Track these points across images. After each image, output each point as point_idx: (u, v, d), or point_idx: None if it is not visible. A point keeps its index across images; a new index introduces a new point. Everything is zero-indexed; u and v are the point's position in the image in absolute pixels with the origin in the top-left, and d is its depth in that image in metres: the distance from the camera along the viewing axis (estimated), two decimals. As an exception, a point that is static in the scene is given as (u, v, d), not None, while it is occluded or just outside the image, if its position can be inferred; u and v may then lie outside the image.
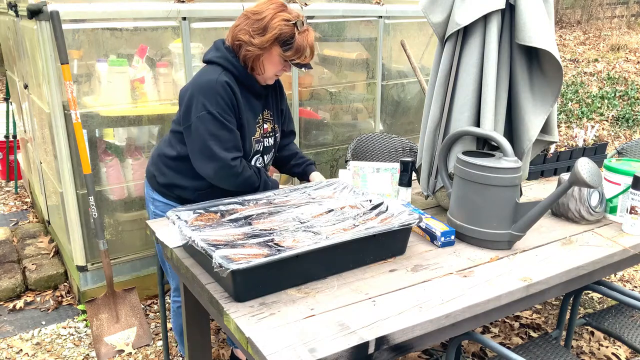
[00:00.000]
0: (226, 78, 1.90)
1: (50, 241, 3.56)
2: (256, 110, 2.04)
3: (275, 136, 2.17)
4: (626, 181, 2.02)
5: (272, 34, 1.87)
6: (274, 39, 1.87)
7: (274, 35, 1.87)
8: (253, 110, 2.03)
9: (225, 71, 1.93)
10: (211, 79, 1.89)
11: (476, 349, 2.66)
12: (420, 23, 3.76)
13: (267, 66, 1.94)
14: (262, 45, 1.88)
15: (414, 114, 4.00)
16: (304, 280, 1.56)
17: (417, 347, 1.48)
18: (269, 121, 2.12)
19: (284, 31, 1.87)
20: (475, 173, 1.78)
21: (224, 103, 1.88)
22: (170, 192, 2.08)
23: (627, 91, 7.36)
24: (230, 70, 1.93)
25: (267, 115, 2.11)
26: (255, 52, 1.90)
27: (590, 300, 3.16)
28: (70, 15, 2.48)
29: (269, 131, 2.12)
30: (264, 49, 1.89)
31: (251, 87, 1.99)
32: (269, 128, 2.12)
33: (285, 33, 1.87)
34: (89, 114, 2.66)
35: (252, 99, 2.02)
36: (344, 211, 1.82)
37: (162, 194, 2.10)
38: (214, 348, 2.63)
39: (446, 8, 1.96)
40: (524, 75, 1.97)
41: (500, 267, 1.70)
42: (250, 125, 2.01)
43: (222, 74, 1.91)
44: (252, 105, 2.02)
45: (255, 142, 2.04)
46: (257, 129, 2.05)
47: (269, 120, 2.12)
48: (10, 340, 2.71)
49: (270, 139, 2.14)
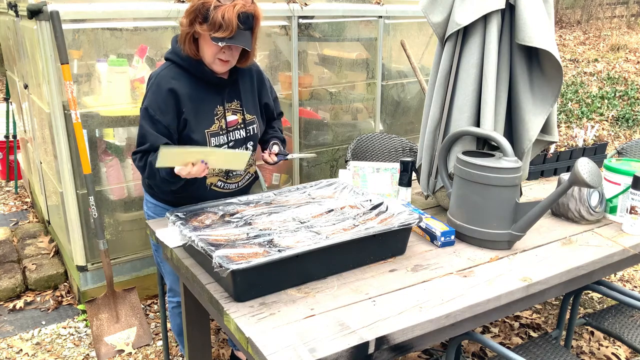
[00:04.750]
0: (167, 73, 1.89)
1: (50, 241, 3.56)
2: (212, 102, 1.96)
3: (248, 128, 2.05)
4: (626, 181, 2.02)
5: (191, 6, 1.80)
6: (194, 12, 1.79)
7: (193, 7, 1.79)
8: (207, 102, 1.95)
9: (173, 64, 1.92)
10: (152, 75, 1.94)
11: (476, 349, 2.66)
12: (420, 23, 3.76)
13: (202, 48, 1.86)
14: (187, 23, 1.82)
15: (414, 114, 4.00)
16: (304, 280, 1.56)
17: (417, 347, 1.48)
18: (237, 112, 2.02)
19: (202, 1, 1.77)
20: (475, 173, 1.78)
21: (154, 99, 1.87)
22: (154, 192, 2.08)
23: (627, 91, 7.36)
24: (177, 63, 1.91)
25: (234, 106, 2.01)
26: (184, 31, 1.84)
27: (590, 300, 3.16)
28: (70, 15, 2.48)
29: (239, 123, 2.02)
30: (189, 27, 1.82)
31: (203, 77, 1.92)
32: (239, 119, 2.02)
33: (203, 5, 1.77)
34: (89, 114, 2.66)
35: (207, 90, 1.95)
36: (344, 211, 1.82)
37: (150, 194, 2.11)
38: (214, 348, 2.63)
39: (446, 8, 1.96)
40: (524, 75, 1.97)
41: (500, 267, 1.70)
42: (201, 118, 1.93)
43: (165, 69, 1.91)
44: (205, 96, 1.94)
45: (211, 135, 1.95)
46: (215, 121, 1.96)
47: (238, 112, 2.02)
48: (10, 340, 2.71)
49: (241, 131, 2.03)
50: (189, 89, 1.90)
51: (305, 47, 3.30)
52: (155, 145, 1.86)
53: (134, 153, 1.93)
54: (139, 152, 1.91)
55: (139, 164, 1.92)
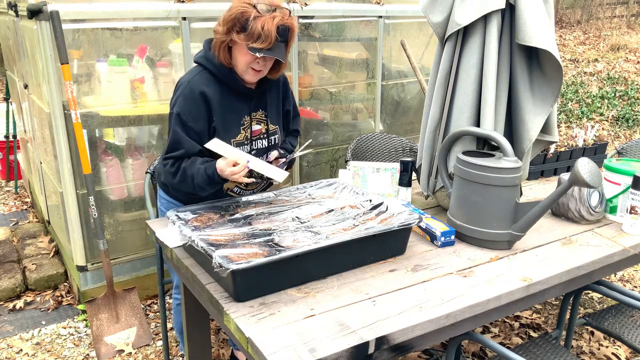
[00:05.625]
0: (199, 80, 1.89)
1: (50, 241, 3.56)
2: (240, 111, 1.96)
3: (270, 138, 2.07)
4: (626, 181, 2.02)
5: (229, 15, 1.81)
6: (232, 21, 1.80)
7: (231, 16, 1.80)
8: (236, 111, 1.95)
9: (204, 70, 1.92)
10: (184, 80, 1.92)
11: (476, 349, 2.66)
12: (420, 23, 3.76)
13: (237, 56, 1.86)
14: (224, 31, 1.83)
15: (414, 114, 4.00)
16: (304, 280, 1.56)
17: (417, 347, 1.48)
18: (261, 122, 2.03)
19: (240, 11, 1.79)
20: (475, 173, 1.78)
21: (185, 105, 1.87)
22: (168, 189, 2.09)
23: (627, 91, 7.36)
24: (209, 69, 1.91)
25: (259, 116, 2.03)
26: (220, 39, 1.85)
27: (590, 300, 3.16)
28: (70, 15, 2.48)
29: (263, 132, 2.04)
30: (226, 35, 1.82)
31: (233, 86, 1.93)
32: (262, 129, 2.04)
33: (242, 15, 1.78)
34: (89, 114, 2.66)
35: (236, 100, 1.95)
36: (344, 211, 1.82)
37: (164, 190, 2.12)
38: (214, 348, 2.63)
39: (446, 8, 1.96)
40: (524, 75, 1.97)
41: (500, 267, 1.70)
42: (229, 127, 1.94)
43: (197, 75, 1.91)
44: (234, 106, 1.95)
45: (236, 144, 1.96)
46: (241, 131, 1.97)
47: (262, 122, 2.04)
48: (10, 340, 2.71)
49: (263, 141, 2.05)
50: (219, 97, 1.91)
51: (305, 47, 3.30)
52: (190, 152, 1.88)
53: (165, 158, 1.91)
54: (172, 157, 1.90)
55: (170, 169, 1.90)
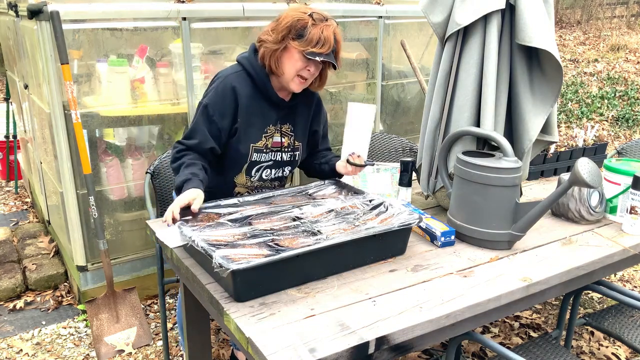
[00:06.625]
0: (235, 78, 1.93)
1: (50, 241, 3.56)
2: (267, 119, 1.99)
3: (294, 153, 2.09)
4: (626, 181, 2.02)
5: (284, 23, 1.85)
6: (287, 29, 1.85)
7: (287, 24, 1.85)
8: (262, 117, 1.98)
9: (243, 71, 1.96)
10: (221, 74, 1.97)
11: (476, 349, 2.66)
12: (420, 23, 3.76)
13: (285, 64, 1.89)
14: (277, 39, 1.87)
15: (414, 114, 4.00)
16: (304, 280, 1.56)
17: (417, 347, 1.48)
18: (287, 136, 2.05)
19: (296, 19, 1.84)
20: (475, 173, 1.78)
21: (215, 99, 1.92)
22: None
23: (627, 91, 7.36)
24: (248, 70, 1.95)
25: (285, 129, 2.05)
26: (271, 48, 1.88)
27: (590, 300, 3.16)
28: (70, 15, 2.48)
29: (285, 146, 2.06)
30: (280, 43, 1.86)
31: (266, 93, 1.96)
32: (286, 143, 2.06)
33: (298, 23, 1.84)
34: (89, 114, 2.66)
35: (265, 106, 1.98)
36: (344, 211, 1.82)
37: None
38: (214, 348, 2.63)
39: (446, 8, 1.96)
40: (524, 75, 1.97)
41: (500, 267, 1.70)
42: (252, 131, 1.97)
43: (235, 73, 1.95)
44: (263, 111, 1.98)
45: (255, 150, 1.99)
46: (262, 138, 2.00)
47: (287, 135, 2.06)
48: (10, 340, 2.71)
49: (286, 155, 2.07)
50: (250, 99, 1.95)
51: (305, 47, 3.30)
52: (200, 145, 1.92)
53: (178, 142, 1.96)
54: (183, 144, 1.94)
55: (175, 154, 1.94)
